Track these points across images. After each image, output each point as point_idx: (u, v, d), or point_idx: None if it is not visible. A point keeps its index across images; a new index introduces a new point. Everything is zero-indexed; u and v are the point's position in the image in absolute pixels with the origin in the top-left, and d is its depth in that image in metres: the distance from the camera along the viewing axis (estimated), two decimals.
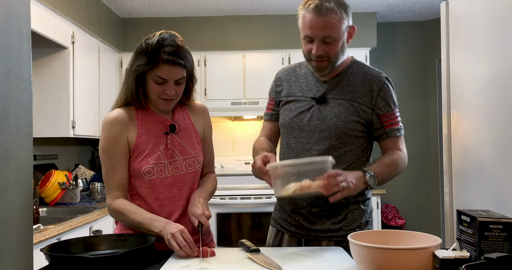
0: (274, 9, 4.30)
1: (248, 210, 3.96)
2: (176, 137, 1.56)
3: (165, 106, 1.53)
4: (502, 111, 1.67)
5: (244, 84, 4.31)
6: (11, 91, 1.09)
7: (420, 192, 4.77)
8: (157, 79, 1.46)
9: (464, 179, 1.94)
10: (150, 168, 1.50)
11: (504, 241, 1.08)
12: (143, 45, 1.47)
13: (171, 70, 1.45)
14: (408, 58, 4.81)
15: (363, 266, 1.14)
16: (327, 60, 1.59)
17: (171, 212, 1.53)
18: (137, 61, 1.47)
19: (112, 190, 1.52)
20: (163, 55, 1.43)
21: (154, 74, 1.45)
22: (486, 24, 1.78)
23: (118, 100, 1.58)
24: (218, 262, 1.31)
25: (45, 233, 2.27)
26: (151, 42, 1.46)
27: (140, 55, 1.47)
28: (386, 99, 1.63)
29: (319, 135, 1.63)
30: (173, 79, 1.47)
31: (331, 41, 1.56)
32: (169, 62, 1.44)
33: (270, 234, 1.79)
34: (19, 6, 1.14)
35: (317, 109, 1.64)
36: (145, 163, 1.50)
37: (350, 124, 1.61)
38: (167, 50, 1.44)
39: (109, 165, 1.52)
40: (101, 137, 1.54)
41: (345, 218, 1.64)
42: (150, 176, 1.51)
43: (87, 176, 3.80)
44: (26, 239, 1.19)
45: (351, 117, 1.61)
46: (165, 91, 1.48)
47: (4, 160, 1.04)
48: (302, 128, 1.66)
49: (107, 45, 4.05)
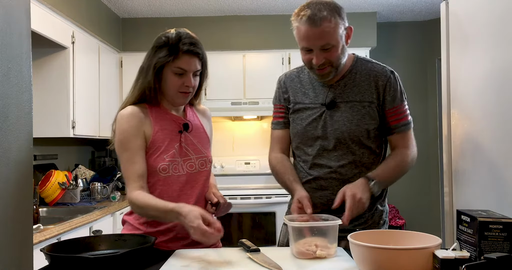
0: (274, 9, 4.30)
1: (248, 210, 3.96)
2: (189, 136, 1.60)
3: (183, 99, 1.57)
4: (502, 110, 1.67)
5: (244, 84, 4.31)
6: (11, 91, 1.09)
7: (420, 192, 4.77)
8: (177, 70, 1.50)
9: (464, 179, 1.94)
10: (166, 165, 1.52)
11: (504, 241, 1.08)
12: (161, 39, 1.52)
13: (190, 60, 1.51)
14: (408, 58, 4.81)
15: (363, 266, 1.14)
16: (329, 66, 1.58)
17: None
18: (157, 55, 1.51)
19: (131, 182, 1.50)
20: (183, 46, 1.49)
21: (174, 65, 1.50)
22: (486, 24, 1.78)
23: (129, 97, 1.59)
24: (218, 262, 1.31)
25: (45, 233, 2.27)
26: (170, 35, 1.52)
27: (159, 49, 1.51)
28: (392, 94, 1.63)
29: (335, 142, 1.62)
30: (192, 71, 1.52)
31: (330, 48, 1.54)
32: (189, 52, 1.50)
33: (284, 233, 1.77)
34: (19, 6, 1.14)
35: (329, 115, 1.63)
36: (160, 160, 1.52)
37: (364, 127, 1.61)
38: (186, 41, 1.51)
39: (127, 157, 1.52)
40: (117, 132, 1.55)
41: (367, 221, 1.65)
42: (166, 173, 1.53)
43: (87, 176, 3.80)
44: (26, 239, 1.19)
45: (363, 119, 1.61)
46: (184, 83, 1.52)
47: (4, 160, 1.04)
48: (317, 136, 1.65)
49: (107, 45, 4.05)
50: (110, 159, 4.43)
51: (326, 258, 1.32)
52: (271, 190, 3.98)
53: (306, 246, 1.33)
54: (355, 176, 1.61)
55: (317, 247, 1.33)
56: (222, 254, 1.40)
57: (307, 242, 1.34)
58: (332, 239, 1.35)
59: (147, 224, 1.55)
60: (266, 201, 3.96)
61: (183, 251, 1.45)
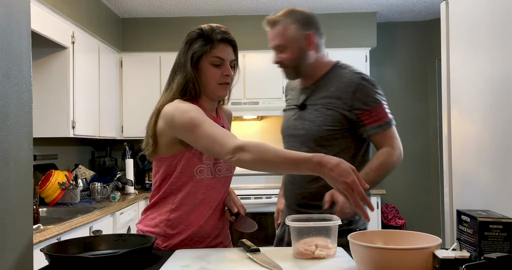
0: (274, 9, 4.28)
1: (249, 210, 3.93)
2: None
3: (224, 91, 1.55)
4: (502, 111, 1.67)
5: (244, 84, 4.31)
6: (11, 91, 1.09)
7: (420, 192, 4.78)
8: (215, 60, 1.49)
9: (464, 179, 1.94)
10: (203, 168, 1.50)
11: (504, 241, 1.08)
12: (194, 32, 1.51)
13: (226, 48, 1.51)
14: (408, 58, 4.81)
15: (363, 266, 1.14)
16: (288, 67, 1.74)
17: (204, 213, 1.52)
18: (192, 47, 1.49)
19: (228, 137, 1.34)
20: (217, 36, 1.49)
21: (211, 55, 1.49)
22: (486, 24, 1.78)
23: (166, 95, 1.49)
24: (218, 262, 1.31)
25: (45, 233, 2.27)
26: (202, 27, 1.52)
27: (194, 41, 1.50)
28: (362, 99, 1.68)
29: (300, 139, 1.74)
30: (229, 59, 1.52)
31: (283, 49, 1.71)
32: (224, 40, 1.50)
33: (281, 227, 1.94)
34: (19, 6, 1.14)
35: (299, 115, 1.78)
36: (199, 161, 1.49)
37: (324, 127, 1.69)
38: (219, 31, 1.51)
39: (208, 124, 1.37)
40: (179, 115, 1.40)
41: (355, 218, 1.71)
42: (201, 175, 1.50)
43: (87, 176, 3.80)
44: (26, 239, 1.19)
45: (325, 121, 1.69)
46: (224, 72, 1.50)
47: (4, 160, 1.04)
48: (290, 134, 1.81)
49: (107, 45, 4.05)
50: (110, 159, 4.43)
51: (325, 258, 1.32)
52: (271, 190, 3.98)
53: (305, 246, 1.33)
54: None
55: (317, 247, 1.33)
56: (222, 254, 1.40)
57: (308, 242, 1.34)
58: (333, 239, 1.35)
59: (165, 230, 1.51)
60: (266, 201, 3.96)
61: (183, 251, 1.45)
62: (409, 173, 4.72)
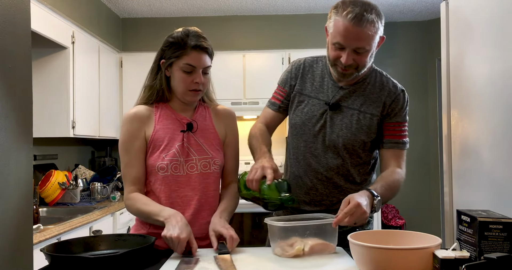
0: (274, 9, 4.30)
1: (249, 210, 3.96)
2: (193, 136, 1.57)
3: (193, 97, 1.56)
4: (502, 111, 1.67)
5: (244, 84, 4.31)
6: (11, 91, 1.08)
7: (420, 192, 4.77)
8: (185, 67, 1.50)
9: (464, 179, 1.94)
10: (164, 165, 1.52)
11: (504, 241, 1.07)
12: (169, 39, 1.53)
13: (199, 56, 1.50)
14: (408, 58, 4.81)
15: (363, 266, 1.14)
16: (354, 69, 1.55)
17: (182, 212, 1.50)
18: (165, 53, 1.53)
19: (129, 185, 1.55)
20: (190, 42, 1.49)
21: (182, 62, 1.50)
22: (486, 24, 1.78)
23: (140, 97, 1.63)
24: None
25: (45, 233, 2.27)
26: (176, 33, 1.52)
27: (167, 48, 1.52)
28: (397, 111, 1.62)
29: (328, 144, 1.62)
30: (201, 67, 1.51)
31: (363, 52, 1.51)
32: (196, 47, 1.49)
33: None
34: (19, 6, 1.14)
35: (330, 116, 1.62)
36: (159, 159, 1.53)
37: (361, 137, 1.60)
38: (193, 36, 1.50)
39: (127, 160, 1.55)
40: (120, 132, 1.58)
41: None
42: (164, 172, 1.52)
43: (87, 176, 3.80)
44: (26, 239, 1.19)
45: (361, 130, 1.60)
46: (194, 80, 1.51)
47: (4, 160, 1.04)
48: (313, 134, 1.64)
49: (107, 45, 4.05)
50: (110, 159, 4.43)
51: (321, 256, 1.32)
52: None
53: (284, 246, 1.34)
54: (340, 182, 1.63)
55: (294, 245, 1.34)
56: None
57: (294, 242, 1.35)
58: (328, 238, 1.36)
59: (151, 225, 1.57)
60: None
61: None
62: (409, 173, 4.70)
